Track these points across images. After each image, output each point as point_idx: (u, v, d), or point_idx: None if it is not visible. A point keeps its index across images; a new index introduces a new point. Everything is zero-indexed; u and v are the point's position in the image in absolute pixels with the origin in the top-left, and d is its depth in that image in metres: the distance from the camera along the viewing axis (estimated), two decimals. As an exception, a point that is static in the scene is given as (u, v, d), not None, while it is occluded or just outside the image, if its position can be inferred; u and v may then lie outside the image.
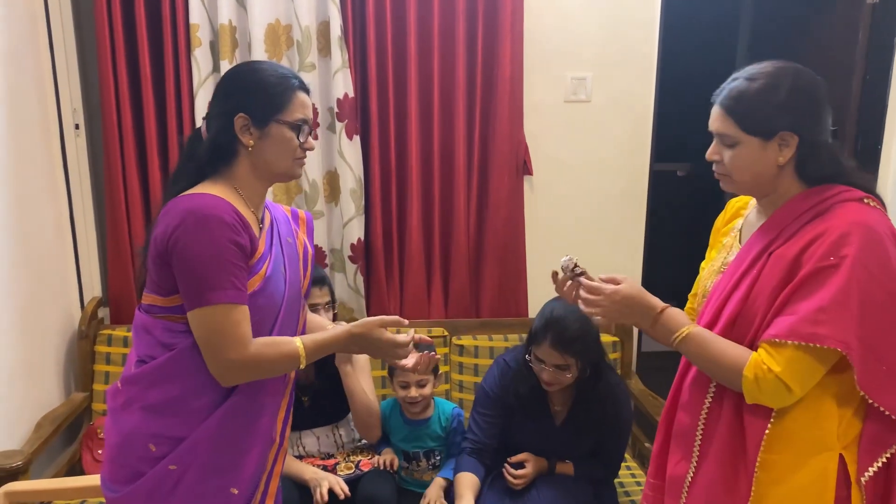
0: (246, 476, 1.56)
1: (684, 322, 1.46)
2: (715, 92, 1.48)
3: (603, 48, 2.86)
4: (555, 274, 1.58)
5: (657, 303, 1.48)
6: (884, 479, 1.41)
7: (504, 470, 2.23)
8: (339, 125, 2.71)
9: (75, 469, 2.59)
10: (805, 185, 1.43)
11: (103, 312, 2.87)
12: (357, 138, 2.75)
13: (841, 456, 1.39)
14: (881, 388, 1.34)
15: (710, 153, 1.48)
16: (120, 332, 2.74)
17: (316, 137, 2.72)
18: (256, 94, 1.51)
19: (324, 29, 2.68)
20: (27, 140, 2.51)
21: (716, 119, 1.45)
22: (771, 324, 1.37)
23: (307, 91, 1.58)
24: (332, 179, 2.81)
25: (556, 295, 1.61)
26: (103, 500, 2.37)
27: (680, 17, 3.33)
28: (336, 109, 2.69)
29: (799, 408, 1.38)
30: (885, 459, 1.39)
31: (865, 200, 1.39)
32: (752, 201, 1.59)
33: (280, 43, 2.68)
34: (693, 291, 1.68)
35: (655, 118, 2.96)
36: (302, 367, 1.53)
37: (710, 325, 1.46)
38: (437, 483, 2.28)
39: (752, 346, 1.40)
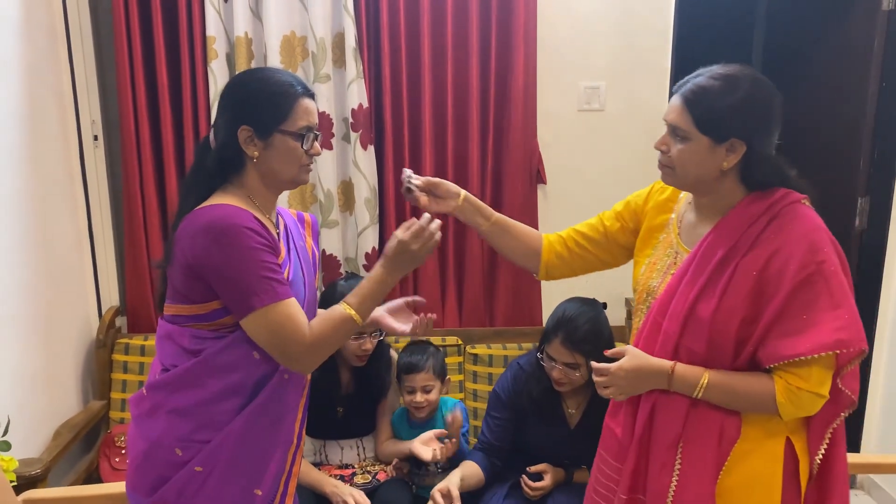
0: (269, 477, 1.57)
1: (699, 373, 1.48)
2: (678, 83, 1.50)
3: (616, 57, 2.86)
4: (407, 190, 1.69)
5: (664, 364, 1.51)
6: (824, 453, 1.51)
7: (522, 481, 2.23)
8: (353, 135, 2.73)
9: (93, 477, 2.61)
10: (747, 189, 1.49)
11: (121, 321, 2.90)
12: (371, 148, 2.77)
13: (788, 439, 1.48)
14: (854, 379, 1.46)
15: (659, 143, 1.51)
16: (137, 340, 2.77)
17: (330, 147, 2.74)
18: (258, 105, 1.51)
19: (338, 40, 2.70)
20: (47, 152, 2.55)
21: (673, 110, 1.48)
22: (768, 343, 1.41)
23: (311, 96, 1.56)
24: (346, 189, 2.83)
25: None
26: (121, 507, 2.39)
27: (693, 26, 3.33)
28: (351, 120, 2.71)
29: None
30: (830, 434, 1.49)
31: (803, 202, 1.47)
32: (682, 196, 1.63)
33: (295, 54, 2.70)
34: (580, 228, 1.80)
35: (669, 126, 2.95)
36: (360, 323, 1.52)
37: (677, 332, 1.49)
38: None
39: (737, 355, 1.46)
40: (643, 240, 1.69)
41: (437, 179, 1.75)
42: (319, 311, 1.55)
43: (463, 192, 1.76)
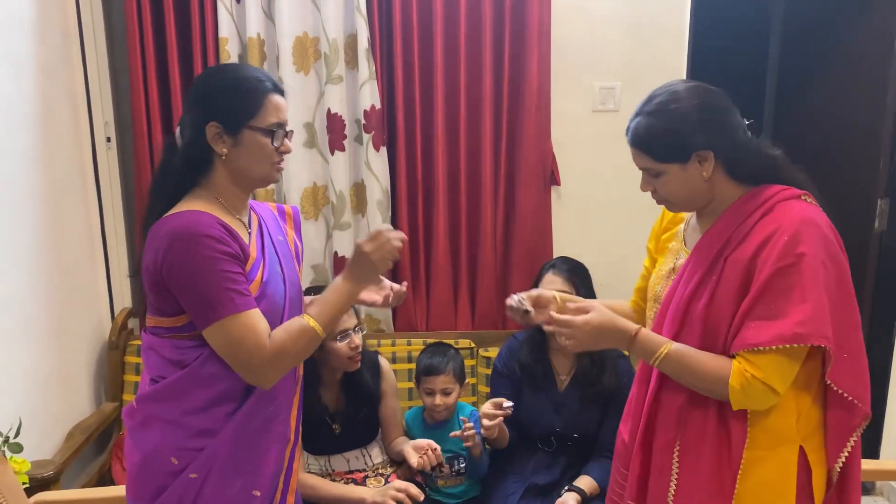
0: (266, 477, 1.56)
1: (661, 341, 1.48)
2: (626, 129, 1.53)
3: (631, 57, 2.83)
4: (509, 306, 1.69)
5: (630, 326, 1.52)
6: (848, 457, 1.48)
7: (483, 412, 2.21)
8: (366, 137, 2.71)
9: (105, 479, 2.61)
10: (742, 185, 1.49)
11: (133, 323, 2.90)
12: (384, 150, 2.75)
13: (801, 448, 1.46)
14: (844, 375, 1.41)
15: (644, 187, 1.55)
16: (149, 342, 2.76)
17: (343, 149, 2.73)
18: (226, 100, 1.48)
19: (351, 41, 2.69)
20: (60, 153, 2.55)
21: (634, 157, 1.52)
22: (741, 330, 1.40)
23: (281, 92, 1.53)
24: (358, 191, 2.81)
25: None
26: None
27: (709, 25, 3.29)
28: (363, 121, 2.70)
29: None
30: (853, 442, 1.46)
31: (803, 198, 1.45)
32: None
33: (308, 55, 2.70)
34: (637, 285, 1.76)
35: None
36: (322, 335, 1.50)
37: (675, 332, 1.49)
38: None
39: (724, 352, 1.44)
40: (659, 250, 1.70)
41: (535, 293, 1.73)
42: (281, 326, 1.51)
43: (557, 294, 1.75)
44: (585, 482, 2.19)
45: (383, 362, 2.44)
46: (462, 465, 2.36)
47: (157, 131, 2.71)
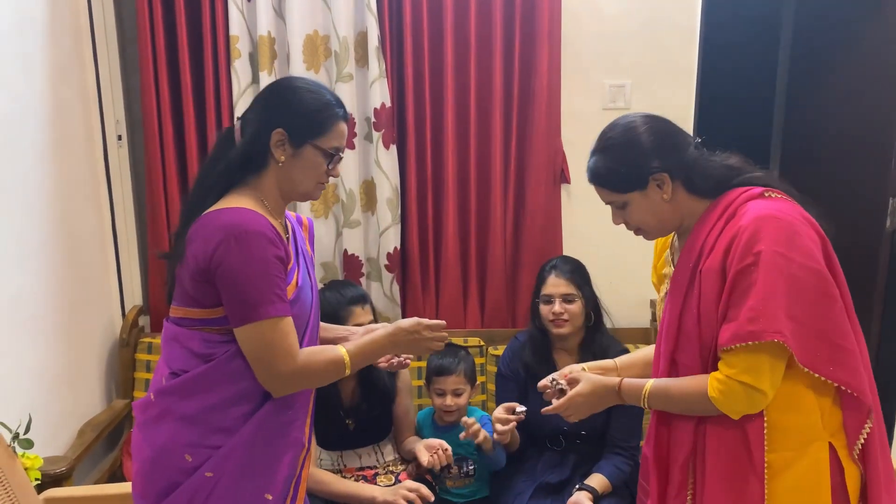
0: (279, 481, 1.56)
1: (640, 384, 1.55)
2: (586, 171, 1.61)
3: (642, 55, 2.82)
4: (543, 386, 1.74)
5: (613, 381, 1.61)
6: (862, 455, 1.48)
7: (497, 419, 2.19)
8: (375, 135, 2.72)
9: (117, 476, 2.62)
10: (705, 199, 1.53)
11: (144, 321, 2.91)
12: (394, 147, 2.76)
13: (830, 444, 1.46)
14: (831, 364, 1.41)
15: (614, 220, 1.62)
16: (160, 340, 2.76)
17: (352, 147, 2.73)
18: (300, 114, 1.53)
19: (361, 39, 2.69)
20: (72, 151, 2.56)
21: (599, 194, 1.60)
22: (718, 335, 1.43)
23: (347, 121, 1.60)
24: (368, 189, 2.82)
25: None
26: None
27: (720, 24, 3.28)
28: (373, 119, 2.70)
29: (782, 404, 1.43)
30: (867, 430, 1.46)
31: (766, 194, 1.47)
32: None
33: (318, 53, 2.70)
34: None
35: (696, 125, 2.92)
36: (346, 374, 1.55)
37: (672, 351, 1.53)
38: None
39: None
40: (660, 281, 1.75)
41: (567, 372, 1.75)
42: (315, 347, 1.58)
43: (584, 366, 1.79)
44: (597, 480, 2.19)
45: None
46: (471, 468, 2.36)
47: (167, 129, 2.72)
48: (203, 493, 1.50)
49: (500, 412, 2.13)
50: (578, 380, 1.64)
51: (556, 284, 2.33)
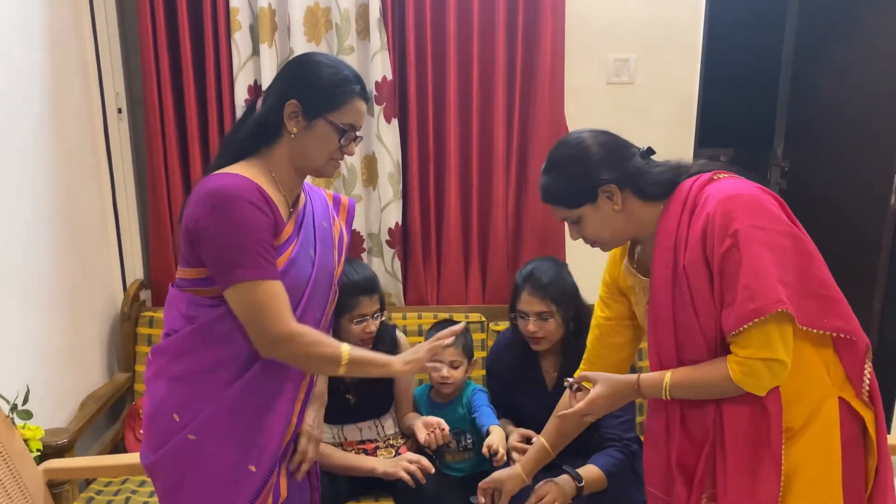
0: (266, 456, 1.57)
1: (660, 377, 1.54)
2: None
3: (647, 29, 2.79)
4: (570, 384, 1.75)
5: (631, 378, 1.60)
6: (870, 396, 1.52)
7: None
8: (377, 108, 2.69)
9: (118, 448, 2.64)
10: (658, 202, 1.56)
11: (145, 295, 2.91)
12: (395, 122, 2.74)
13: (840, 398, 1.49)
14: (822, 315, 1.45)
15: (571, 236, 1.64)
16: (161, 314, 2.74)
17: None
18: (315, 86, 1.53)
19: (363, 11, 2.66)
20: (71, 124, 2.55)
21: (552, 213, 1.63)
22: (722, 322, 1.45)
23: (367, 100, 1.59)
24: (369, 163, 2.80)
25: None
26: (143, 477, 2.43)
27: (726, -3, 3.25)
28: (374, 92, 2.68)
29: (791, 371, 1.44)
30: (868, 368, 1.50)
31: (715, 177, 1.51)
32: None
33: (319, 25, 2.67)
34: (592, 336, 1.84)
35: (700, 101, 2.89)
36: (340, 371, 1.54)
37: (678, 351, 1.53)
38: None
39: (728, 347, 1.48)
40: (626, 293, 1.75)
41: (580, 378, 1.75)
42: (321, 334, 1.58)
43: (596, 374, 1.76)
44: (588, 470, 2.12)
45: (401, 337, 2.45)
46: (469, 441, 2.36)
47: (167, 102, 2.70)
48: (187, 454, 1.53)
49: (515, 439, 2.21)
50: (593, 380, 1.65)
51: (529, 302, 2.23)
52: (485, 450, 2.13)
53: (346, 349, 1.54)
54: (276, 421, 1.59)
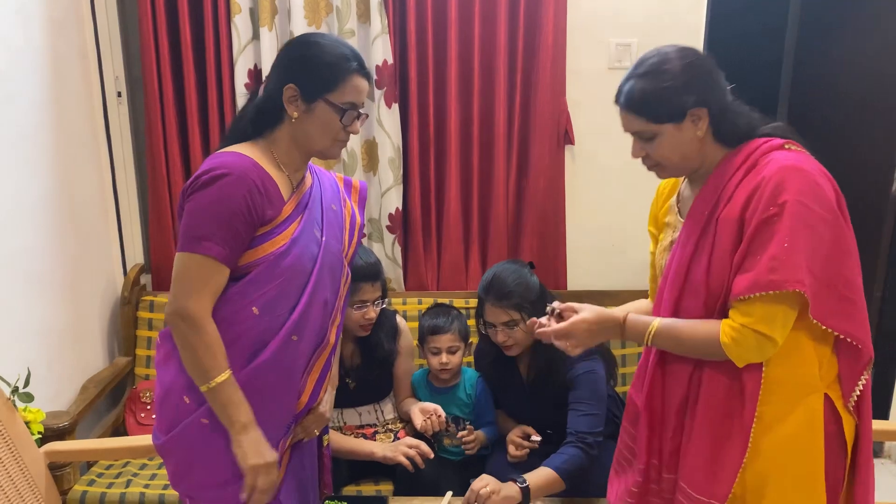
0: (271, 435, 1.57)
1: (647, 321, 1.52)
2: (616, 94, 1.52)
3: (649, 14, 2.76)
4: (537, 323, 1.67)
5: (618, 314, 1.57)
6: (857, 406, 1.50)
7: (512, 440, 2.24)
8: (377, 93, 2.68)
9: (119, 431, 2.65)
10: (725, 146, 1.50)
11: (145, 279, 2.91)
12: (396, 106, 2.72)
13: (826, 395, 1.46)
14: (835, 315, 1.42)
15: (636, 153, 1.54)
16: (161, 298, 2.78)
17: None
18: (311, 68, 1.51)
19: (363, -6, 2.65)
20: (71, 108, 2.54)
21: (626, 121, 1.51)
22: (733, 284, 1.41)
23: (366, 76, 1.56)
24: (370, 148, 2.79)
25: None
26: (144, 461, 2.44)
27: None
28: (375, 76, 2.66)
29: (782, 356, 1.44)
30: (864, 380, 1.48)
31: (786, 146, 1.46)
32: (680, 179, 1.66)
33: (319, 9, 2.65)
34: (651, 275, 1.75)
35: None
36: (200, 388, 1.49)
37: (676, 298, 1.51)
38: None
39: (727, 311, 1.45)
40: (660, 229, 1.71)
41: (565, 306, 1.66)
42: (219, 341, 1.50)
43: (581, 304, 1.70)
44: (538, 475, 2.04)
45: (401, 322, 2.46)
46: (467, 426, 2.38)
47: (167, 86, 2.69)
48: (199, 437, 1.54)
49: (517, 434, 2.21)
50: (577, 309, 1.59)
51: (494, 314, 2.17)
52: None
53: (223, 378, 1.47)
54: (288, 401, 1.60)
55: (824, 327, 1.42)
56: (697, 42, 2.80)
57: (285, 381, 1.58)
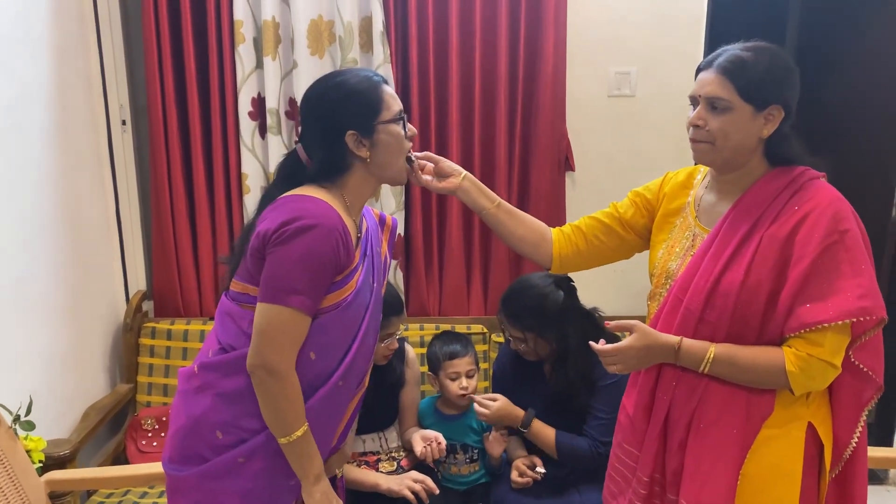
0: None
1: (704, 347, 1.49)
2: (704, 60, 1.52)
3: (648, 42, 2.80)
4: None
5: (671, 339, 1.51)
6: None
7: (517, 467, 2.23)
8: (380, 121, 2.70)
9: (120, 459, 2.64)
10: (769, 164, 1.51)
11: (147, 306, 2.92)
12: (398, 134, 2.74)
13: (810, 424, 1.48)
14: (866, 349, 1.45)
15: (695, 118, 1.48)
16: (163, 325, 2.78)
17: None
18: (353, 106, 1.50)
19: (366, 24, 2.68)
20: (76, 136, 2.56)
21: (710, 83, 1.46)
22: (793, 312, 1.40)
23: (387, 82, 1.57)
24: (372, 175, 2.81)
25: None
26: (145, 489, 2.42)
27: (727, 11, 3.26)
28: (377, 105, 2.69)
29: None
30: (863, 421, 1.48)
31: (822, 178, 1.50)
32: (697, 180, 1.63)
33: (322, 39, 2.69)
34: (595, 215, 1.79)
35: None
36: (280, 440, 1.48)
37: (701, 308, 1.48)
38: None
39: (763, 331, 1.44)
40: (658, 225, 1.69)
41: (437, 156, 1.73)
42: (301, 399, 1.50)
43: (464, 172, 1.74)
44: (543, 427, 2.19)
45: (409, 350, 2.44)
46: (475, 453, 2.36)
47: (171, 114, 2.72)
48: (232, 474, 1.51)
49: (522, 462, 2.21)
50: (628, 327, 1.55)
51: (507, 327, 2.24)
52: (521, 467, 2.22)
53: (301, 431, 1.48)
54: (325, 443, 1.58)
55: (855, 361, 1.45)
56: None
57: (325, 424, 1.57)
